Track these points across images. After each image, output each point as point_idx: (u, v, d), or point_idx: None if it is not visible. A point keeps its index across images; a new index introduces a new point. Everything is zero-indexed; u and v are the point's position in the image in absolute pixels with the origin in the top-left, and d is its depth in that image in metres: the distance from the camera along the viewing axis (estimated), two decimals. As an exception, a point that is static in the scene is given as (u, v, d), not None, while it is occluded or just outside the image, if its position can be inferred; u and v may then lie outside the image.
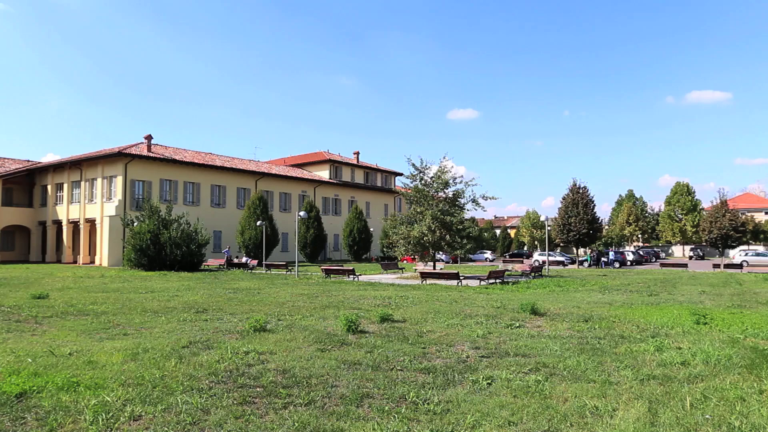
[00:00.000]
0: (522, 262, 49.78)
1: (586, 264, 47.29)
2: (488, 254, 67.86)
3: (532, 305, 13.12)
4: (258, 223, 38.99)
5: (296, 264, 30.57)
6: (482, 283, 24.39)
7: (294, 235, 46.58)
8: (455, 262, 52.22)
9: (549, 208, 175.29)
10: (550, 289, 21.59)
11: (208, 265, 37.33)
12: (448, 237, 29.80)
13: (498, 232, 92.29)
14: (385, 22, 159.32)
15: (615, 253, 51.39)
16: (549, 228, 43.10)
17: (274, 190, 51.71)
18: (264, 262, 35.86)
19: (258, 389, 6.24)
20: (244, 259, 38.64)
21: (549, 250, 45.26)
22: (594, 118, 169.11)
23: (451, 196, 31.34)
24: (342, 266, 32.04)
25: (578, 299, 17.12)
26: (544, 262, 42.51)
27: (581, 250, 52.79)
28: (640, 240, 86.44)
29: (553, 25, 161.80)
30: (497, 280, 25.15)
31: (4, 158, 50.64)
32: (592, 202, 46.33)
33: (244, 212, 43.95)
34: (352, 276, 27.16)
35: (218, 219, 46.08)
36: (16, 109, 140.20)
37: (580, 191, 46.53)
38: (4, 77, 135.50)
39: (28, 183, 48.69)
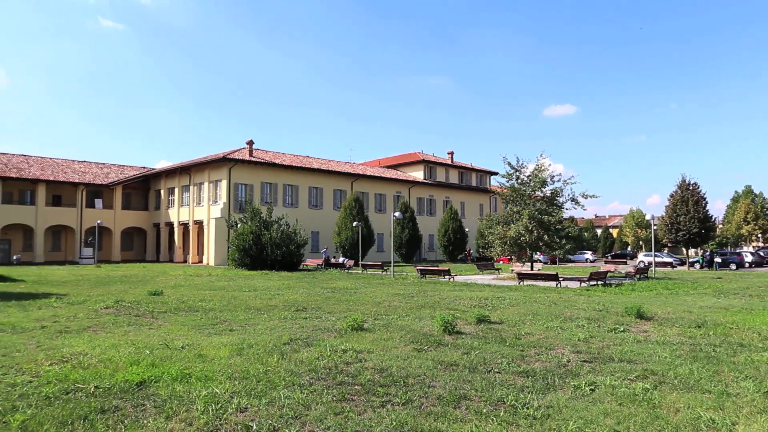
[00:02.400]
0: (625, 263, 47.40)
1: (697, 266, 44.30)
2: (589, 255, 65.28)
3: (638, 309, 12.46)
4: (354, 223, 39.74)
5: (392, 264, 30.85)
6: (583, 284, 23.48)
7: (389, 235, 47.04)
8: (553, 262, 50.67)
9: (655, 206, 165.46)
10: (657, 291, 20.41)
11: (306, 265, 38.50)
12: (546, 237, 29.00)
13: (599, 231, 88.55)
14: (477, 20, 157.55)
15: (730, 254, 47.74)
16: (655, 227, 40.79)
17: (370, 191, 52.49)
18: (360, 262, 36.49)
19: (356, 387, 6.35)
20: (340, 259, 39.53)
21: (655, 251, 42.83)
22: (703, 110, 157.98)
23: (548, 195, 30.52)
24: (437, 266, 31.99)
25: (689, 303, 16.06)
26: (650, 263, 40.28)
27: (691, 251, 49.53)
28: (760, 240, 79.66)
29: (654, 11, 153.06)
30: (599, 282, 24.11)
31: (123, 165, 54.95)
32: (704, 199, 43.43)
33: (341, 213, 44.95)
34: (447, 276, 27.04)
35: (316, 220, 47.41)
36: (134, 119, 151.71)
37: (690, 188, 43.74)
38: (123, 90, 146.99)
39: (143, 188, 52.56)
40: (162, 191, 49.96)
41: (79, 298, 16.02)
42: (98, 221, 44.28)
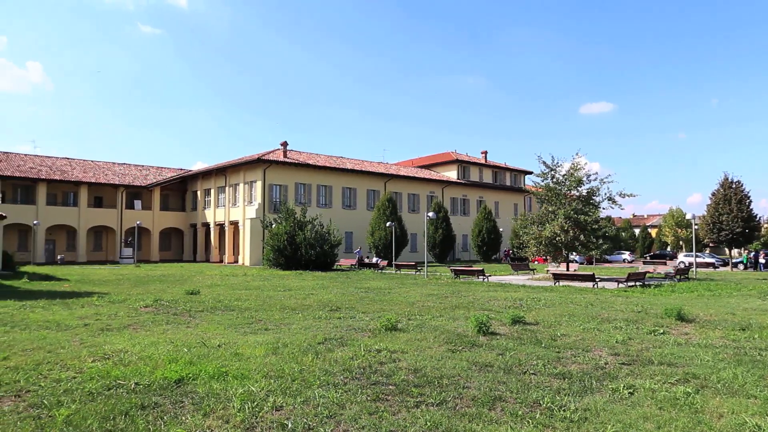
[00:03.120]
0: (665, 263, 46.24)
1: (741, 266, 42.98)
2: (626, 255, 63.95)
3: (678, 310, 12.16)
4: (387, 224, 39.80)
5: (425, 264, 30.79)
6: (620, 285, 23.04)
7: (423, 235, 46.97)
8: (590, 263, 49.86)
9: (696, 205, 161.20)
10: (699, 293, 19.87)
11: (340, 265, 38.70)
12: (582, 237, 28.60)
13: (637, 231, 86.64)
14: (511, 18, 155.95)
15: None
16: (696, 227, 39.73)
17: (403, 191, 52.48)
18: (393, 263, 36.53)
19: (390, 387, 6.36)
20: (374, 260, 39.62)
21: (696, 251, 41.71)
22: (746, 105, 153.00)
23: (584, 194, 30.09)
24: (471, 267, 31.81)
25: (733, 305, 15.59)
26: (690, 263, 39.27)
27: (735, 251, 48.10)
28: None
29: (693, 4, 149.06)
30: (637, 283, 23.62)
31: (161, 167, 56.19)
32: (748, 197, 42.19)
33: (374, 213, 45.06)
34: (481, 277, 26.85)
35: (349, 220, 47.62)
36: (171, 121, 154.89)
37: (733, 186, 42.53)
38: (161, 93, 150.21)
39: (180, 189, 53.64)
40: (198, 192, 50.88)
41: (119, 296, 16.44)
42: (137, 222, 45.36)
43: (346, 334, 9.95)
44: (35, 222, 41.59)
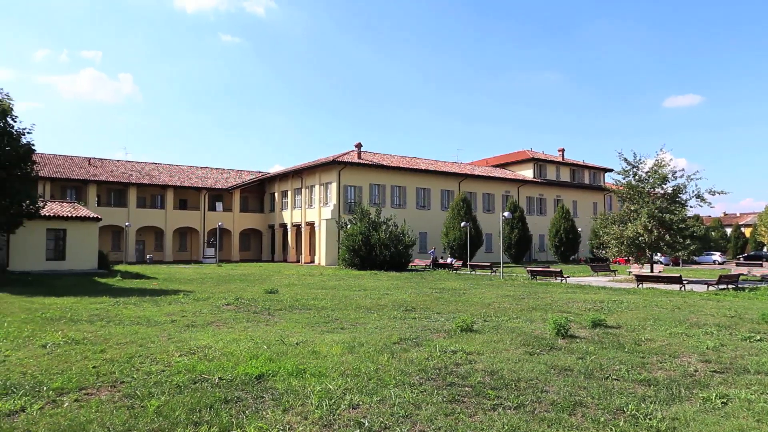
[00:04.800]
0: (761, 265, 43.32)
1: None
2: (716, 256, 60.39)
3: (777, 315, 11.37)
4: (462, 224, 39.46)
5: (501, 265, 30.31)
6: (710, 288, 21.78)
7: (498, 235, 46.24)
8: (676, 264, 47.47)
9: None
10: (800, 297, 18.49)
11: (414, 265, 38.76)
12: (667, 237, 27.30)
13: (729, 231, 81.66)
14: (587, 11, 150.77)
15: None
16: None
17: (477, 191, 51.90)
18: (468, 263, 36.19)
19: (466, 389, 6.30)
20: (448, 260, 39.41)
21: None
22: None
23: (670, 191, 28.73)
24: (548, 268, 31.02)
25: (839, 310, 14.40)
26: (790, 265, 36.58)
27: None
28: None
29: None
30: (730, 286, 22.26)
31: (241, 170, 58.28)
32: None
33: (448, 213, 44.82)
34: (559, 278, 26.14)
35: (423, 220, 47.57)
36: (251, 125, 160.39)
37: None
38: (240, 98, 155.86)
39: (259, 191, 55.43)
40: (276, 194, 52.37)
41: (203, 295, 17.18)
42: (219, 223, 47.22)
43: (422, 334, 9.94)
44: (127, 224, 44.14)
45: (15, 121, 22.80)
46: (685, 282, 22.38)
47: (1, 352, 8.08)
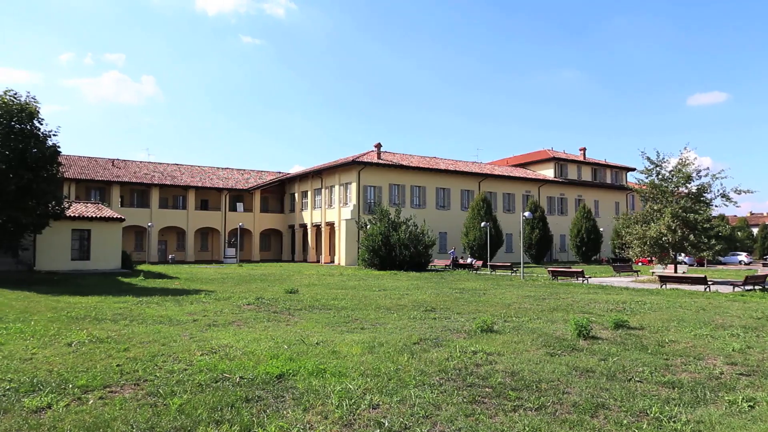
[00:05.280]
0: (788, 265, 42.50)
1: None
2: (743, 256, 59.28)
3: (805, 317, 11.13)
4: (482, 224, 39.29)
5: (521, 265, 30.10)
6: (737, 289, 21.38)
7: (518, 235, 45.96)
8: (700, 264, 46.69)
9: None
10: (829, 298, 18.07)
11: (434, 266, 38.67)
12: (691, 237, 26.87)
13: (755, 230, 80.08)
14: (609, 8, 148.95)
15: None
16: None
17: (497, 190, 51.62)
18: (488, 263, 36.01)
19: (487, 389, 6.27)
20: (468, 260, 39.25)
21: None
22: None
23: (694, 191, 28.30)
24: (569, 268, 30.74)
25: None
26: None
27: None
28: None
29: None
30: (756, 287, 21.84)
31: (261, 171, 58.72)
32: None
33: (468, 213, 44.65)
34: (580, 278, 25.89)
35: (443, 221, 47.44)
36: (270, 126, 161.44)
37: None
38: (261, 99, 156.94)
39: (279, 192, 55.77)
40: (296, 194, 52.64)
41: (224, 294, 17.33)
42: (240, 224, 47.61)
43: (442, 334, 9.92)
44: (149, 224, 44.71)
45: (41, 124, 23.33)
46: (710, 283, 22.02)
47: (28, 349, 8.24)
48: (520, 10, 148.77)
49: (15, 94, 22.77)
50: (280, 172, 58.97)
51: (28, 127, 22.63)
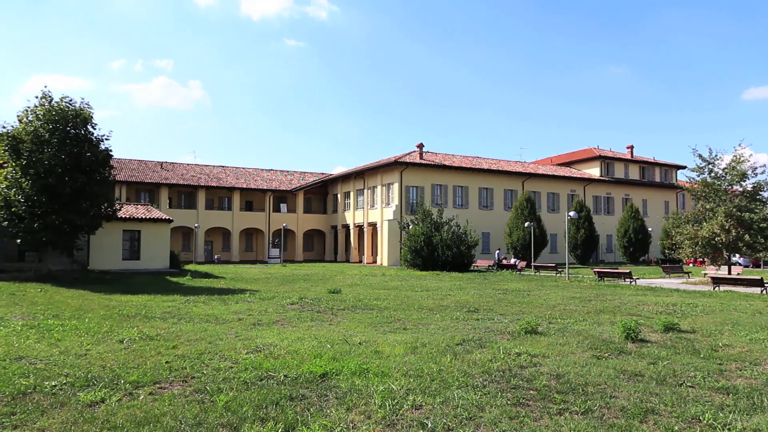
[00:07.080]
0: None
1: None
2: (802, 258, 56.73)
3: None
4: (526, 224, 38.76)
5: (566, 266, 29.55)
6: (795, 292, 20.47)
7: (563, 236, 45.18)
8: (756, 266, 44.90)
9: None
10: None
11: (477, 266, 38.34)
12: (747, 237, 25.90)
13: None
14: (658, 1, 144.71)
15: None
16: None
17: (541, 190, 50.85)
18: (532, 264, 35.51)
19: (531, 392, 6.17)
20: (512, 261, 38.77)
21: None
22: None
23: (750, 189, 27.22)
24: (616, 269, 30.01)
25: None
26: None
27: None
28: None
29: None
30: (816, 289, 20.84)
31: (304, 172, 59.43)
32: None
33: (512, 213, 44.10)
34: (628, 279, 25.23)
35: (486, 221, 47.03)
36: (314, 127, 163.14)
37: None
38: (305, 101, 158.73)
39: (322, 193, 56.34)
40: (339, 195, 53.06)
41: (268, 294, 17.59)
42: (283, 224, 48.30)
43: (485, 335, 9.83)
44: (196, 225, 45.80)
45: (95, 129, 24.22)
46: (767, 285, 21.15)
47: (83, 345, 8.55)
48: (564, 5, 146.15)
49: (70, 100, 23.71)
50: (322, 173, 59.57)
51: (82, 132, 23.52)
